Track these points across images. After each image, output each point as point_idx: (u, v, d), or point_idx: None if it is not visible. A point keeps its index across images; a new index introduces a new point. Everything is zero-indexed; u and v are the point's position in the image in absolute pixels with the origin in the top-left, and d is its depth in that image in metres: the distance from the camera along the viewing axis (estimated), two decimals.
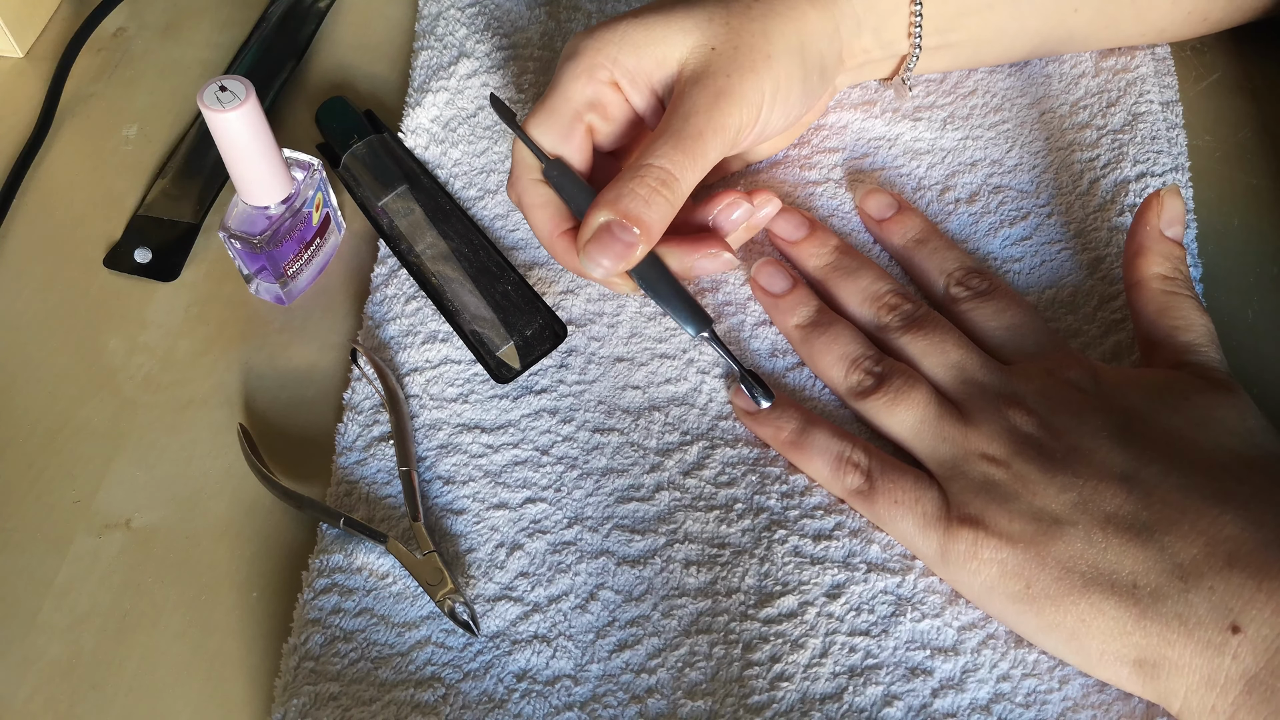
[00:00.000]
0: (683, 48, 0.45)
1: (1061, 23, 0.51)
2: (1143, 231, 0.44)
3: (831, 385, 0.46)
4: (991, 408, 0.42)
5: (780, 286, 0.48)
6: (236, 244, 0.49)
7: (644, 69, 0.45)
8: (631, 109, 0.47)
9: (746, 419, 0.45)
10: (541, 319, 0.49)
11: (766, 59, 0.44)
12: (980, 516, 0.39)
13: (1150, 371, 0.42)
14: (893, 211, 0.49)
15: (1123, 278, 0.45)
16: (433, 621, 0.42)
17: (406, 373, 0.48)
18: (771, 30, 0.45)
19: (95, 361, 0.51)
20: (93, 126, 0.60)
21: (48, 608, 0.44)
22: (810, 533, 0.43)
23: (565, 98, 0.46)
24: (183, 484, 0.47)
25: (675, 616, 0.41)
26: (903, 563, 0.42)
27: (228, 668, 0.42)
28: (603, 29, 0.46)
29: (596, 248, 0.43)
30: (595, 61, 0.45)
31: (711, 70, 0.44)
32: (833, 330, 0.46)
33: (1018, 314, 0.45)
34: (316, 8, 0.63)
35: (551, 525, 0.44)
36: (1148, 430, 0.40)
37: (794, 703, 0.39)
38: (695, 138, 0.43)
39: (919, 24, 0.48)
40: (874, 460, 0.42)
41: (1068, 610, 0.37)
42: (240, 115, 0.45)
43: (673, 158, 0.43)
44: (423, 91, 0.57)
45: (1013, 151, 0.52)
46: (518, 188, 0.47)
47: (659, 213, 0.43)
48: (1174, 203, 0.44)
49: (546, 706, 0.40)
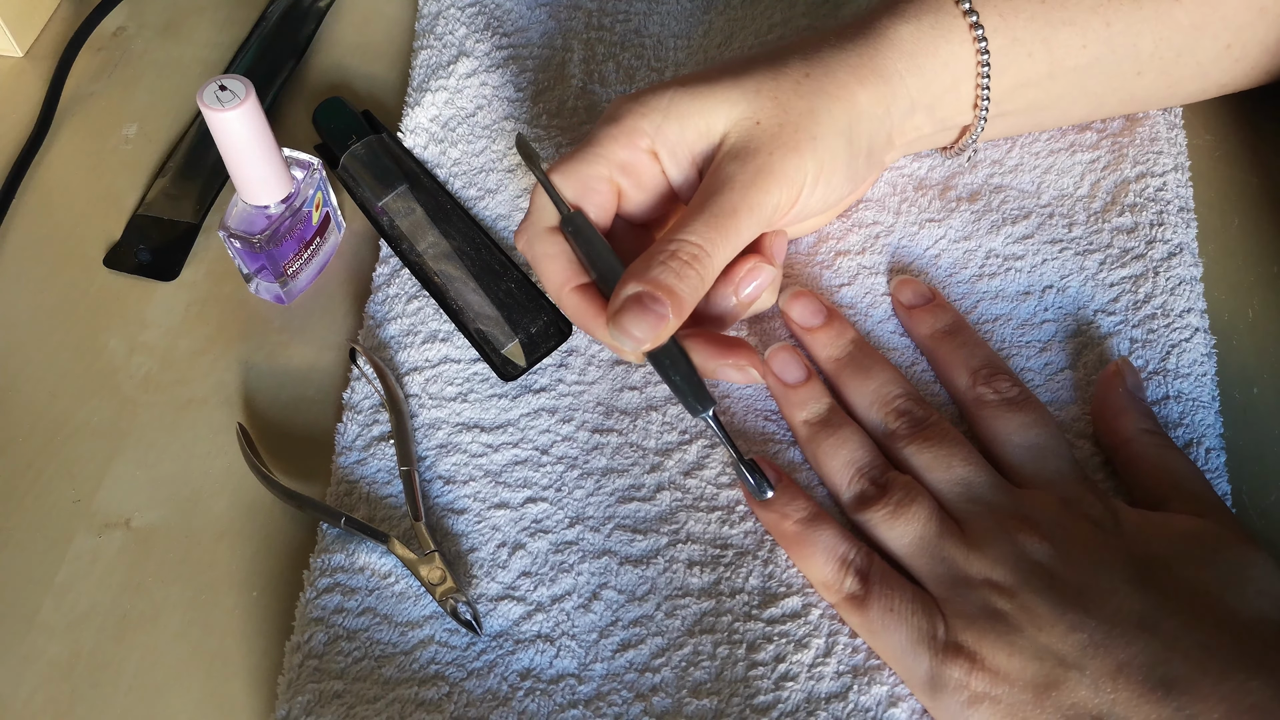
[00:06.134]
0: (727, 120, 0.43)
1: (1123, 86, 0.48)
2: (1115, 394, 0.43)
3: (833, 491, 0.43)
4: (999, 530, 0.39)
5: (794, 377, 0.45)
6: (236, 243, 0.49)
7: (686, 140, 0.43)
8: (666, 180, 0.45)
9: (752, 503, 0.43)
10: (546, 316, 0.49)
11: (811, 140, 0.42)
12: (977, 647, 0.37)
13: (1175, 518, 0.39)
14: (925, 301, 0.47)
15: (1102, 438, 0.44)
16: (436, 621, 0.42)
17: (406, 372, 0.48)
18: (819, 110, 0.43)
19: (95, 361, 0.51)
20: (92, 126, 0.59)
21: (47, 607, 0.44)
22: None
23: (597, 154, 0.44)
24: (183, 484, 0.47)
25: (679, 616, 0.41)
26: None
27: (228, 667, 0.42)
28: (650, 96, 0.44)
29: (629, 318, 0.40)
30: (638, 127, 0.43)
31: (753, 146, 0.42)
32: (841, 433, 0.43)
33: (1044, 433, 0.42)
34: (316, 7, 0.63)
35: (553, 525, 0.44)
36: (1170, 580, 0.37)
37: (799, 702, 0.39)
38: (730, 215, 0.41)
39: (986, 97, 0.46)
40: (875, 566, 0.40)
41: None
42: (240, 115, 0.45)
43: (705, 234, 0.41)
44: (422, 91, 0.57)
45: (1013, 151, 0.52)
46: (528, 234, 0.45)
47: (690, 287, 0.40)
48: (1131, 367, 0.44)
49: (551, 704, 0.40)
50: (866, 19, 0.45)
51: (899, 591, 0.39)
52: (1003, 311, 0.47)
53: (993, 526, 0.39)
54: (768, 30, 0.58)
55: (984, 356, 0.45)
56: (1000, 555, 0.38)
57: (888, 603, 0.39)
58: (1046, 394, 0.45)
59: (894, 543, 0.41)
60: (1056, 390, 0.45)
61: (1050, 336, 0.47)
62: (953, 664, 0.37)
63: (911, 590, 0.39)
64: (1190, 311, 0.46)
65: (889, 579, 0.40)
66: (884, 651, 0.39)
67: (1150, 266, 0.48)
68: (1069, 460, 0.42)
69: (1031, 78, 0.46)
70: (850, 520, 0.43)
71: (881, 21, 0.45)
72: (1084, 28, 0.45)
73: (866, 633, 0.40)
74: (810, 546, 0.41)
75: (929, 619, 0.38)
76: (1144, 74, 0.48)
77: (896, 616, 0.38)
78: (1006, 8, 0.45)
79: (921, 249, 0.49)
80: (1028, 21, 0.45)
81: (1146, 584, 0.37)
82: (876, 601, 0.39)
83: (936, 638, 0.37)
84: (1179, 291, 0.47)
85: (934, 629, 0.38)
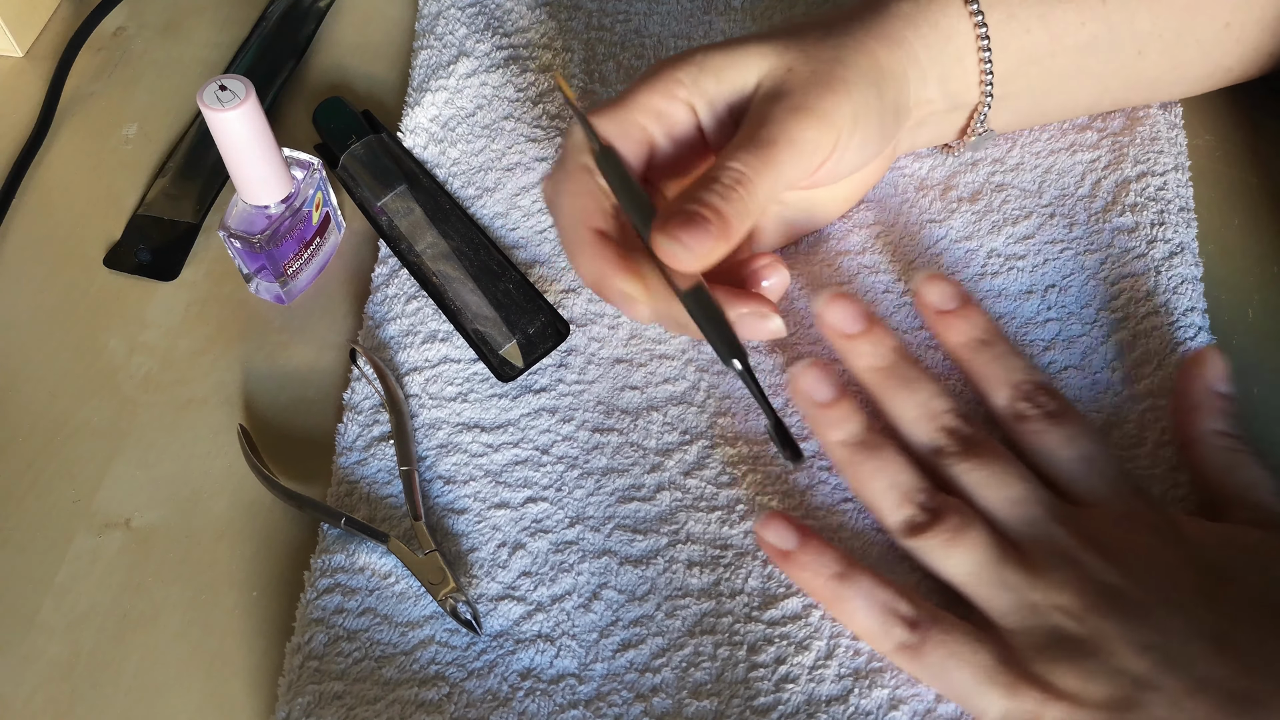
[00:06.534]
0: (759, 71, 0.43)
1: (1126, 66, 0.48)
2: (1194, 387, 0.42)
3: (878, 516, 0.41)
4: (1060, 552, 0.38)
5: (825, 395, 0.42)
6: (236, 243, 0.49)
7: (722, 93, 0.44)
8: (697, 132, 0.45)
9: (778, 560, 0.41)
10: (544, 317, 0.49)
11: (844, 82, 0.42)
12: (1049, 675, 0.35)
13: (1236, 528, 0.38)
14: (955, 305, 0.44)
15: (1175, 434, 0.43)
16: (436, 621, 0.42)
17: (406, 372, 0.48)
18: (846, 59, 0.43)
19: (95, 361, 0.50)
20: (92, 126, 0.59)
21: (47, 607, 0.44)
22: None
23: (634, 101, 0.44)
24: (183, 484, 0.47)
25: (679, 617, 0.41)
26: (895, 560, 0.42)
27: (228, 667, 0.42)
28: (683, 56, 0.44)
29: (680, 227, 0.39)
30: (674, 77, 0.44)
31: (788, 88, 0.42)
32: (882, 454, 0.41)
33: (1090, 444, 0.40)
34: (316, 7, 0.63)
35: (553, 525, 0.44)
36: (1239, 590, 0.36)
37: (800, 704, 0.39)
38: (770, 144, 0.41)
39: (989, 69, 0.46)
40: (922, 611, 0.38)
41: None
42: (240, 114, 0.45)
43: (748, 160, 0.41)
44: (422, 91, 0.57)
45: (1014, 151, 0.52)
46: (559, 174, 0.44)
47: (736, 210, 0.40)
48: (1218, 360, 0.42)
49: (551, 705, 0.40)
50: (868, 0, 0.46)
51: (955, 633, 0.38)
52: (1005, 311, 0.47)
53: (1053, 548, 0.38)
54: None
55: (1023, 368, 0.43)
56: (1065, 578, 0.37)
57: (946, 647, 0.37)
58: None
59: (951, 571, 0.39)
60: (1061, 389, 0.45)
61: (1054, 336, 0.47)
62: (1026, 696, 0.36)
63: (967, 629, 0.38)
64: (1193, 311, 0.46)
65: (941, 622, 0.38)
66: (949, 694, 0.38)
67: (1151, 266, 0.48)
68: (1119, 471, 0.40)
69: (1033, 54, 0.46)
70: (900, 547, 0.41)
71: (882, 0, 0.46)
72: (1080, 5, 0.46)
73: (927, 678, 0.38)
74: (850, 602, 0.39)
75: (991, 655, 0.37)
76: (1145, 54, 0.48)
77: (957, 660, 0.37)
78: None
79: (923, 249, 0.49)
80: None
81: (1215, 597, 0.36)
82: (934, 648, 0.37)
83: (1004, 672, 0.36)
84: (1181, 291, 0.47)
85: (998, 664, 0.36)
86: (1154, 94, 0.51)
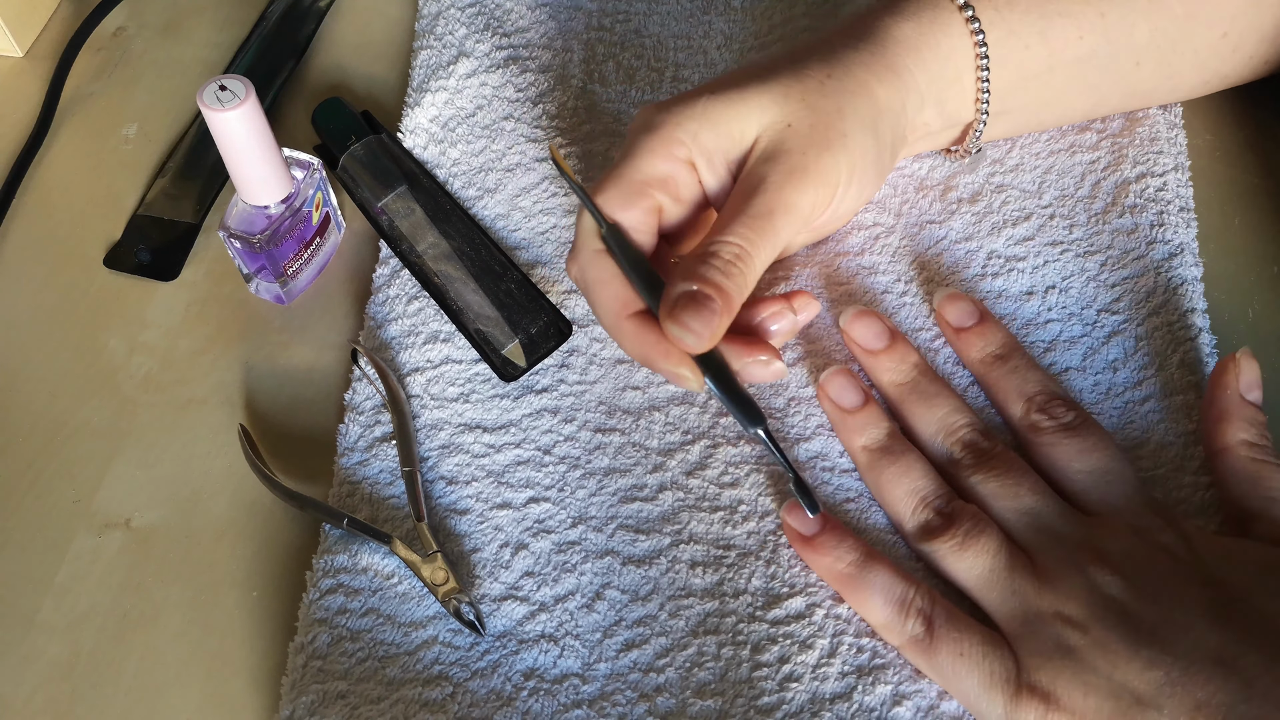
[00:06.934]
0: (759, 124, 0.43)
1: (1123, 78, 0.48)
2: (1223, 396, 0.41)
3: (896, 520, 0.42)
4: (1069, 562, 0.38)
5: (851, 401, 0.44)
6: (236, 243, 0.49)
7: (722, 146, 0.43)
8: (702, 190, 0.45)
9: (799, 545, 0.42)
10: (546, 316, 0.49)
11: (842, 137, 0.42)
12: (1051, 687, 0.36)
13: (1254, 545, 0.38)
14: (973, 321, 0.46)
15: (1203, 442, 0.43)
16: (439, 621, 0.42)
17: (408, 373, 0.48)
18: (846, 109, 0.43)
19: (95, 361, 0.50)
20: (92, 126, 0.59)
21: (47, 607, 0.44)
22: None
23: (638, 169, 0.43)
24: (183, 484, 0.47)
25: (682, 617, 0.41)
26: (907, 564, 0.42)
27: (228, 667, 0.42)
28: (680, 105, 0.43)
29: (685, 313, 0.40)
30: (674, 137, 0.43)
31: (787, 148, 0.42)
32: (904, 461, 0.42)
33: (1105, 457, 0.41)
34: (316, 7, 0.63)
35: (556, 525, 0.44)
36: (1250, 612, 0.36)
37: (804, 703, 0.39)
38: (767, 216, 0.41)
39: (986, 89, 0.46)
40: (938, 608, 0.39)
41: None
42: (240, 114, 0.45)
43: (745, 235, 0.41)
44: (422, 91, 0.57)
45: (1014, 151, 0.52)
46: (580, 260, 0.44)
47: (736, 285, 0.40)
48: (1250, 365, 0.42)
49: (555, 704, 0.40)
50: (868, 19, 0.46)
51: (967, 634, 0.38)
52: (1006, 312, 0.47)
53: (1063, 558, 0.38)
54: (767, 31, 0.58)
55: (1038, 381, 0.43)
56: (1072, 589, 0.37)
57: (956, 647, 0.38)
58: None
59: (962, 575, 0.39)
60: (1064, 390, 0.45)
61: (1054, 337, 0.47)
62: (1028, 706, 0.36)
63: (980, 631, 0.38)
64: (1193, 311, 0.46)
65: (955, 620, 0.38)
66: (955, 694, 0.38)
67: (1151, 267, 0.48)
68: (1135, 484, 0.40)
69: (1031, 70, 0.47)
70: (914, 551, 0.42)
71: (883, 21, 0.45)
72: (1079, 19, 0.46)
73: (934, 675, 0.39)
74: (866, 589, 0.40)
75: (1000, 660, 0.37)
76: (1142, 65, 0.48)
77: (967, 661, 0.37)
78: (1001, 1, 0.45)
79: (923, 250, 0.49)
80: (1023, 15, 0.46)
81: (1223, 617, 0.36)
82: (944, 646, 0.38)
83: (1009, 680, 0.36)
84: (1181, 291, 0.47)
85: (1006, 671, 0.37)
86: (1149, 102, 0.51)
